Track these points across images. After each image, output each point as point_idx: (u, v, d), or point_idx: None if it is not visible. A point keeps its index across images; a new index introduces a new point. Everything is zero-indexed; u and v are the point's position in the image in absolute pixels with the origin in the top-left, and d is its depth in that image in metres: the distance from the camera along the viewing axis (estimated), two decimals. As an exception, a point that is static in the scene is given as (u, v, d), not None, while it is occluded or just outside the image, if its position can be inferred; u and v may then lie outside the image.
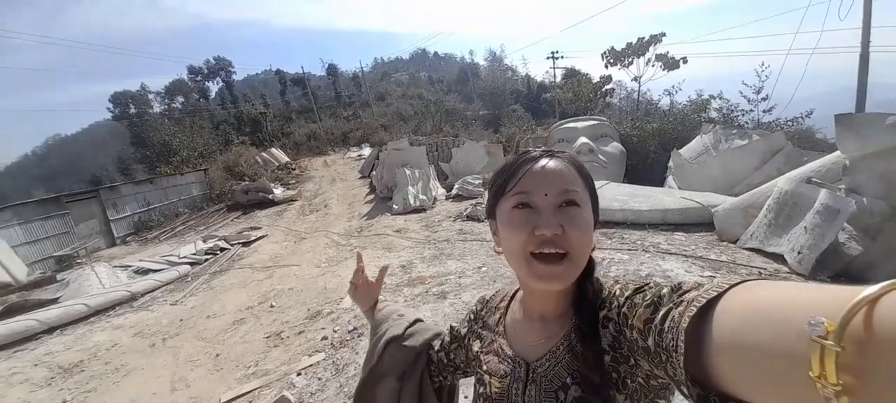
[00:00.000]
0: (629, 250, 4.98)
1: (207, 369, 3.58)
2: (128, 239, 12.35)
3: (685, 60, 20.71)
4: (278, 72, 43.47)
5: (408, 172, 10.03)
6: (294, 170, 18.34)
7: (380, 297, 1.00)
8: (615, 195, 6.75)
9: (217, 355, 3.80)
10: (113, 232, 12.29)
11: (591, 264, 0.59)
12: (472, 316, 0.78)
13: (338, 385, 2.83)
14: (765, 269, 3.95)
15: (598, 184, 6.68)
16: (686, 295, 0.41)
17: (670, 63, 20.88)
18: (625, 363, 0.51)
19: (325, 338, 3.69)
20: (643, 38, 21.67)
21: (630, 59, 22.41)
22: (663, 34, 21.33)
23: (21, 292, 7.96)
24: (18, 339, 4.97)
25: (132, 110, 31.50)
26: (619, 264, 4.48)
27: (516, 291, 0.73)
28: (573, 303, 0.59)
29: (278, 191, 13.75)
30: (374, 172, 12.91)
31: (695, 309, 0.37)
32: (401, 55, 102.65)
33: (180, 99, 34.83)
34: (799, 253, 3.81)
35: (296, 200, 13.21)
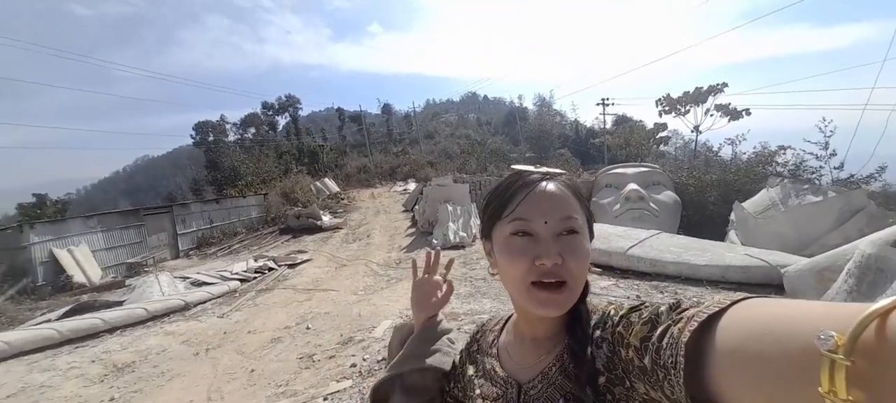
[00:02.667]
0: (682, 306, 4.57)
1: (241, 383, 3.69)
2: (190, 252, 13.41)
3: (748, 112, 19.58)
4: (338, 109, 46.81)
5: (450, 208, 10.13)
6: (343, 199, 19.22)
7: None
8: (669, 247, 6.32)
9: (252, 370, 3.91)
10: (178, 245, 13.43)
11: (586, 288, 0.58)
12: (469, 341, 0.77)
13: (361, 415, 2.79)
14: (847, 343, 3.43)
15: (647, 233, 6.33)
16: (686, 312, 0.40)
17: (733, 113, 19.82)
18: (620, 384, 0.49)
19: (353, 365, 3.68)
20: (701, 87, 20.90)
21: (687, 108, 21.59)
22: (725, 84, 20.47)
23: (93, 293, 8.85)
24: (83, 335, 5.46)
25: (210, 138, 35.10)
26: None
27: (511, 315, 0.72)
28: (566, 325, 0.58)
29: (326, 219, 14.40)
30: (416, 206, 13.18)
31: (696, 325, 0.36)
32: (452, 97, 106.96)
33: (252, 130, 38.31)
34: (890, 327, 3.29)
35: (341, 228, 13.73)
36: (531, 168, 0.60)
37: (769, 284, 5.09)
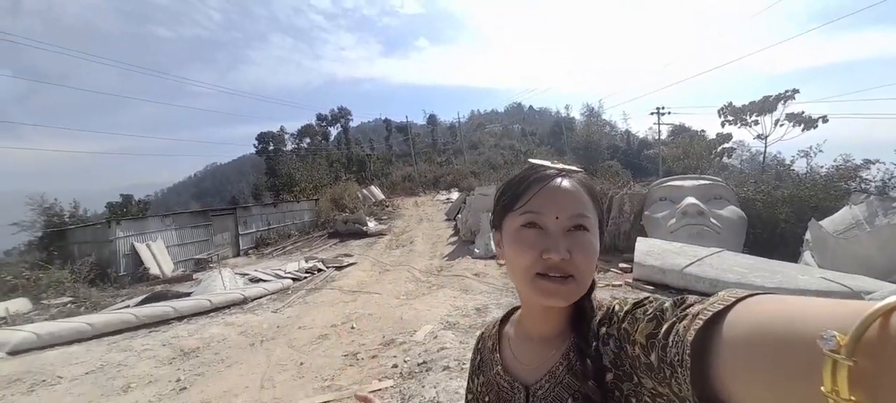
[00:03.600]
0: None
1: (292, 374, 3.89)
2: (249, 251, 14.42)
3: (825, 119, 17.59)
4: (386, 120, 48.47)
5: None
6: (387, 206, 19.78)
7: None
8: (732, 266, 5.84)
9: (301, 363, 4.12)
10: (239, 244, 14.50)
11: (592, 283, 0.59)
12: (473, 354, 0.77)
13: (401, 415, 2.84)
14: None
15: (706, 251, 5.90)
16: (690, 308, 0.40)
17: (806, 121, 17.93)
18: (628, 381, 0.49)
19: (395, 366, 3.76)
20: (769, 96, 19.16)
21: (754, 118, 19.88)
22: (796, 90, 18.58)
23: (165, 284, 9.77)
24: (156, 321, 6.05)
25: (270, 147, 37.76)
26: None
27: (508, 314, 0.73)
28: (571, 321, 0.58)
29: (371, 225, 14.88)
30: (459, 215, 13.24)
31: (701, 322, 0.36)
32: (496, 108, 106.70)
33: (307, 140, 40.70)
34: None
35: (385, 234, 14.10)
36: (548, 163, 0.60)
37: (853, 313, 4.54)
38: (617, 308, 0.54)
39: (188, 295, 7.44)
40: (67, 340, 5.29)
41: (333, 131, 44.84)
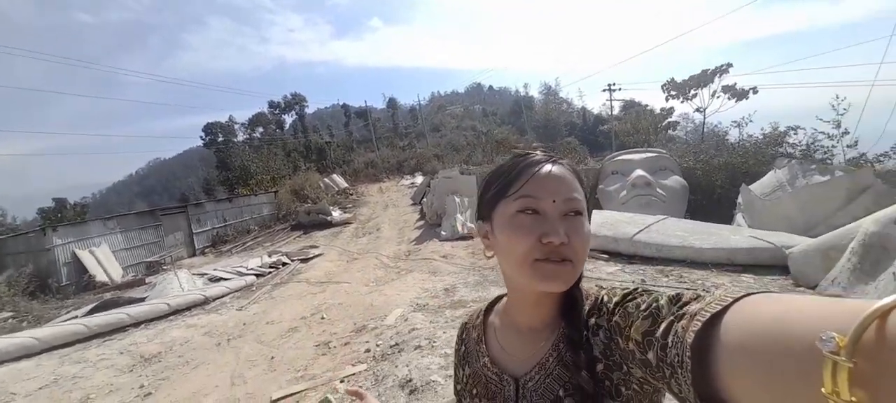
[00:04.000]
0: (688, 289, 4.64)
1: (263, 369, 3.89)
2: (206, 250, 13.77)
3: (755, 90, 19.27)
4: (344, 105, 47.08)
5: (457, 200, 10.25)
6: (351, 194, 19.47)
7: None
8: (674, 231, 6.36)
9: (272, 357, 4.11)
10: (194, 243, 13.80)
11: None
12: (456, 344, 0.76)
13: (376, 394, 2.95)
14: (849, 319, 3.50)
15: (653, 218, 6.39)
16: (687, 307, 0.40)
17: (739, 93, 19.54)
18: (618, 370, 0.50)
19: (367, 351, 3.85)
20: (707, 69, 20.60)
21: (694, 92, 21.31)
22: (729, 64, 20.16)
23: (115, 291, 9.20)
24: (110, 330, 5.74)
25: (220, 138, 35.61)
26: (673, 302, 4.21)
27: (492, 304, 0.72)
28: (561, 311, 0.58)
29: (336, 214, 14.64)
30: (424, 199, 13.33)
31: (699, 324, 0.36)
32: (457, 89, 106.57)
33: (260, 129, 38.73)
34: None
35: (351, 223, 13.95)
36: (533, 150, 0.61)
37: (775, 266, 5.11)
38: (605, 298, 0.54)
39: (142, 300, 7.07)
40: (14, 356, 4.91)
41: (288, 119, 43.01)
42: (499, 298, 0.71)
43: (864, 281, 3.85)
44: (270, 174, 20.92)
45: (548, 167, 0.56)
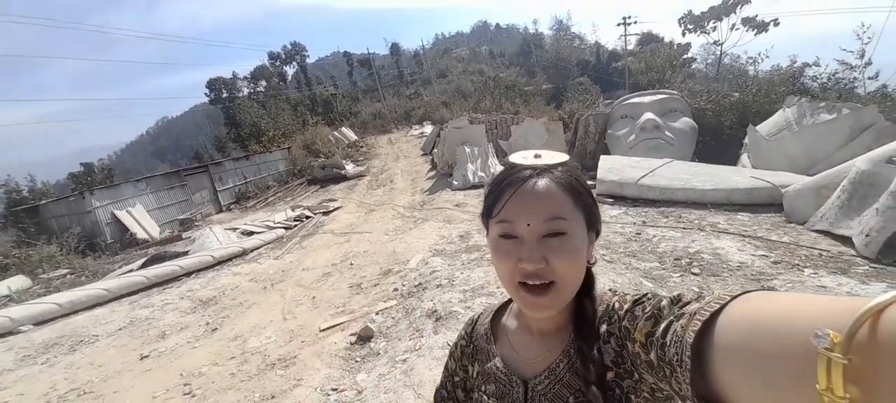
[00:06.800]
0: (684, 228, 5.04)
1: (307, 307, 4.53)
2: (231, 206, 14.52)
3: (776, 22, 18.23)
4: (346, 54, 45.81)
5: (467, 150, 10.52)
6: (361, 147, 19.74)
7: None
8: (677, 174, 6.61)
9: (313, 297, 4.75)
10: (220, 200, 14.53)
11: (589, 279, 0.59)
12: (463, 341, 0.74)
13: (407, 323, 3.54)
14: (827, 251, 3.89)
15: (659, 162, 6.60)
16: (687, 307, 0.41)
17: (759, 25, 18.51)
18: (629, 378, 0.50)
19: (395, 290, 4.43)
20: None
21: (712, 24, 20.25)
22: (752, -7, 18.94)
23: (157, 246, 10.02)
24: (166, 279, 6.49)
25: (224, 94, 35.53)
26: (669, 241, 4.63)
27: (505, 303, 0.72)
28: (572, 320, 0.58)
29: (350, 168, 15.08)
30: (435, 150, 13.60)
31: (699, 324, 0.37)
32: (462, 29, 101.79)
33: (263, 83, 38.36)
34: (867, 235, 3.70)
35: (364, 176, 14.41)
36: (524, 162, 0.58)
37: (773, 204, 5.40)
38: (617, 305, 0.53)
39: (186, 253, 7.80)
40: (88, 305, 5.70)
41: (290, 70, 42.33)
42: (512, 299, 0.69)
43: (849, 217, 4.16)
44: (281, 130, 21.21)
45: (528, 185, 0.54)
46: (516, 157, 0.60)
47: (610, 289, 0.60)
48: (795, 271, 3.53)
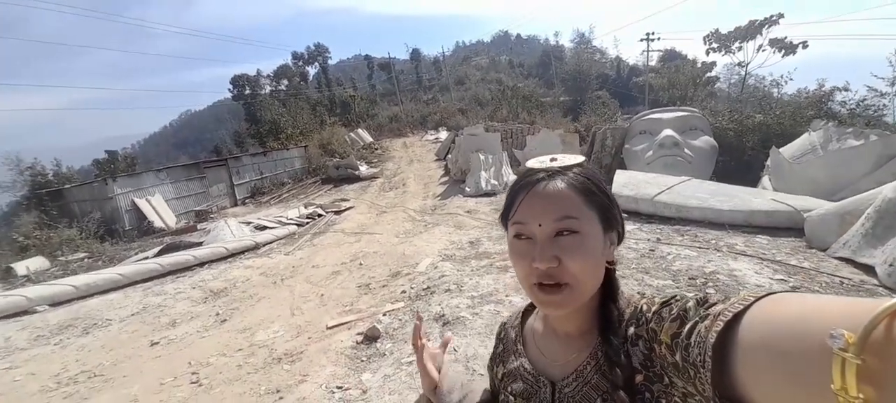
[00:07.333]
0: (699, 247, 4.93)
1: (315, 303, 4.57)
2: (246, 201, 14.79)
3: (805, 45, 17.81)
4: (367, 57, 46.59)
5: (481, 157, 10.53)
6: (376, 149, 19.95)
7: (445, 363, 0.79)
8: (695, 192, 6.50)
9: (322, 294, 4.79)
10: (235, 194, 14.82)
11: (614, 284, 0.59)
12: (495, 343, 0.77)
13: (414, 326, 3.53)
14: (849, 279, 3.75)
15: (676, 179, 6.51)
16: (712, 308, 0.41)
17: (787, 47, 18.12)
18: (659, 381, 0.49)
19: (403, 292, 4.44)
20: (755, 20, 19.06)
21: (738, 44, 19.91)
22: (780, 15, 18.57)
23: (173, 235, 10.25)
24: (179, 268, 6.63)
25: (247, 91, 36.40)
26: (684, 260, 4.53)
27: (532, 305, 0.73)
28: (597, 324, 0.58)
29: (363, 169, 15.23)
30: (449, 155, 13.64)
31: (722, 324, 0.37)
32: (483, 38, 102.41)
33: (285, 81, 39.19)
34: (891, 265, 3.56)
35: (378, 178, 14.53)
36: (540, 166, 0.59)
37: (792, 228, 5.26)
38: (644, 307, 0.53)
39: (200, 244, 7.96)
40: (103, 289, 5.85)
41: (311, 71, 43.19)
42: None
43: (873, 246, 4.02)
44: (299, 128, 21.59)
45: (540, 187, 0.56)
46: (533, 162, 0.61)
47: (639, 292, 0.60)
48: (769, 289, 3.40)
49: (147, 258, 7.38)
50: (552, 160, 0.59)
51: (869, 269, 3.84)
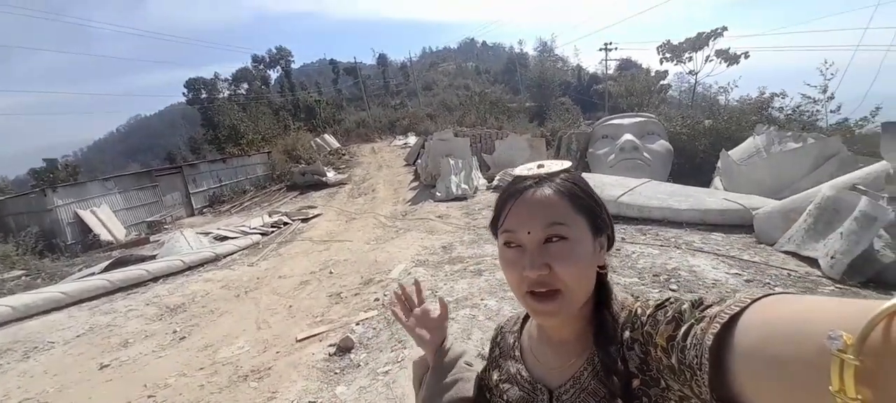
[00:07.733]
0: (661, 246, 5.17)
1: (283, 316, 4.36)
2: (204, 210, 14.01)
3: (746, 55, 19.58)
4: (332, 61, 45.60)
5: (451, 162, 10.55)
6: (344, 155, 19.53)
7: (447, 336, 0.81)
8: (655, 193, 6.83)
9: (290, 306, 4.58)
10: (192, 203, 14.00)
11: (606, 291, 0.58)
12: (491, 346, 0.76)
13: (389, 334, 3.45)
14: (795, 271, 4.05)
15: (637, 181, 6.82)
16: (708, 310, 0.41)
17: (730, 58, 19.77)
18: (655, 386, 0.49)
19: (376, 300, 4.33)
20: (703, 32, 20.63)
21: (688, 54, 21.37)
22: (724, 28, 20.33)
23: (122, 249, 9.52)
24: (131, 284, 6.14)
25: (203, 95, 34.62)
26: (647, 258, 4.73)
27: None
28: (592, 331, 0.57)
29: (331, 175, 14.85)
30: (418, 161, 13.59)
31: (718, 326, 0.37)
32: (449, 45, 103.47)
33: (245, 85, 37.65)
34: (832, 257, 3.88)
35: (346, 184, 14.21)
36: (527, 173, 0.59)
37: (744, 225, 5.65)
38: (639, 311, 0.53)
39: (153, 257, 7.43)
40: (43, 309, 5.31)
41: (273, 75, 41.81)
42: None
43: (815, 240, 4.37)
44: (261, 134, 20.76)
45: (528, 194, 0.56)
46: (521, 169, 0.61)
47: (633, 295, 0.59)
48: (766, 290, 3.65)
49: (93, 274, 6.79)
50: (539, 167, 0.59)
51: (813, 262, 4.17)
